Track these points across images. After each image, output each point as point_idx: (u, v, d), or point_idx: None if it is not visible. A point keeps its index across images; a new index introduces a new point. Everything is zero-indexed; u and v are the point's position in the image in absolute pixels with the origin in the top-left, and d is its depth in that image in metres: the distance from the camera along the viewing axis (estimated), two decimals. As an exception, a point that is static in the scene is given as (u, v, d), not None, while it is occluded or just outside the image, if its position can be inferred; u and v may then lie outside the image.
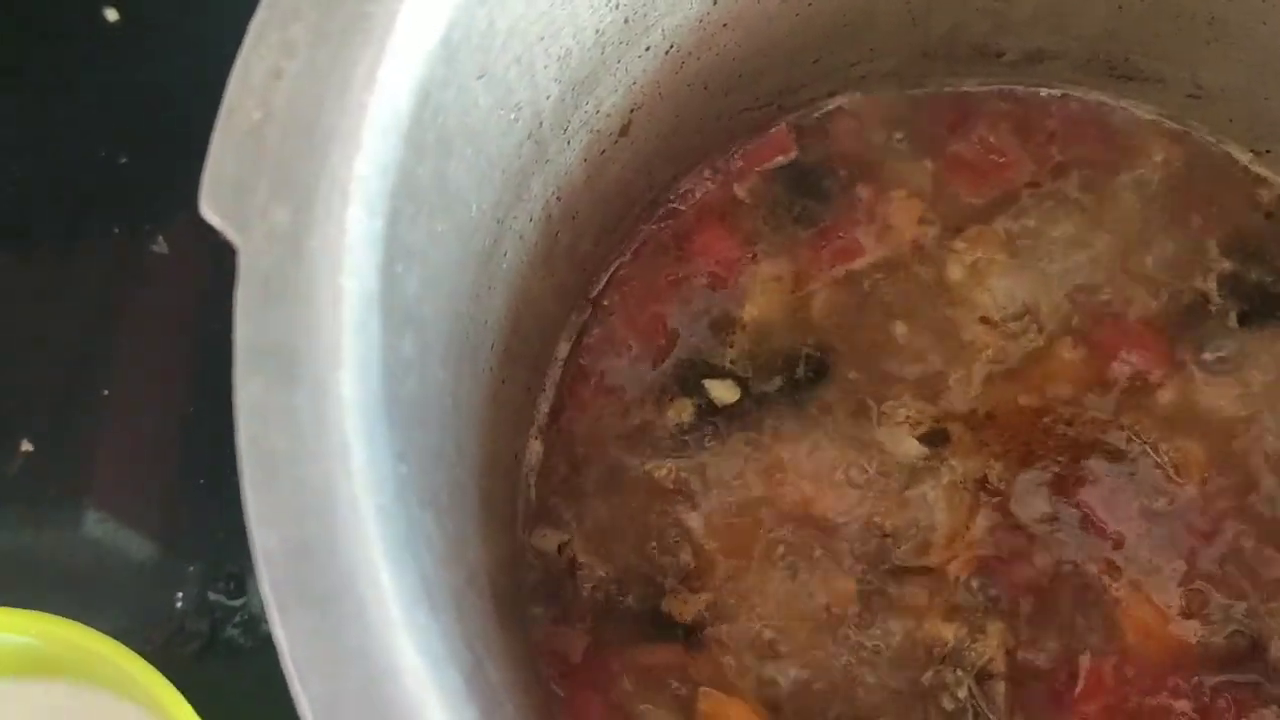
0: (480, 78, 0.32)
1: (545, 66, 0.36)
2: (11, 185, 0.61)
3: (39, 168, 0.62)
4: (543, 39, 0.35)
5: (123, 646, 0.47)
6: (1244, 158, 0.52)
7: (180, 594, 0.55)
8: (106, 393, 0.58)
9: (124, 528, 0.56)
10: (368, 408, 0.25)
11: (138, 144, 0.62)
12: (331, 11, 0.27)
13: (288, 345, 0.24)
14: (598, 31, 0.38)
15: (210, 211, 0.25)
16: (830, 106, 0.53)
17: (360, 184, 0.26)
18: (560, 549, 0.46)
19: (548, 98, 0.37)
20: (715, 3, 0.42)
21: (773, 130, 0.53)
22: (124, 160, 0.62)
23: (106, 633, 0.47)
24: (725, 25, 0.44)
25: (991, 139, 0.53)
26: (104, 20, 0.64)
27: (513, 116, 0.35)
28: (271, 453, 0.24)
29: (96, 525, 0.56)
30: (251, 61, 0.27)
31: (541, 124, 0.38)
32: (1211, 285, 0.50)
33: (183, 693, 0.46)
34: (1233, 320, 0.49)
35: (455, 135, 0.32)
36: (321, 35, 0.27)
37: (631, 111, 0.44)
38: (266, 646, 0.53)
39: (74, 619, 0.48)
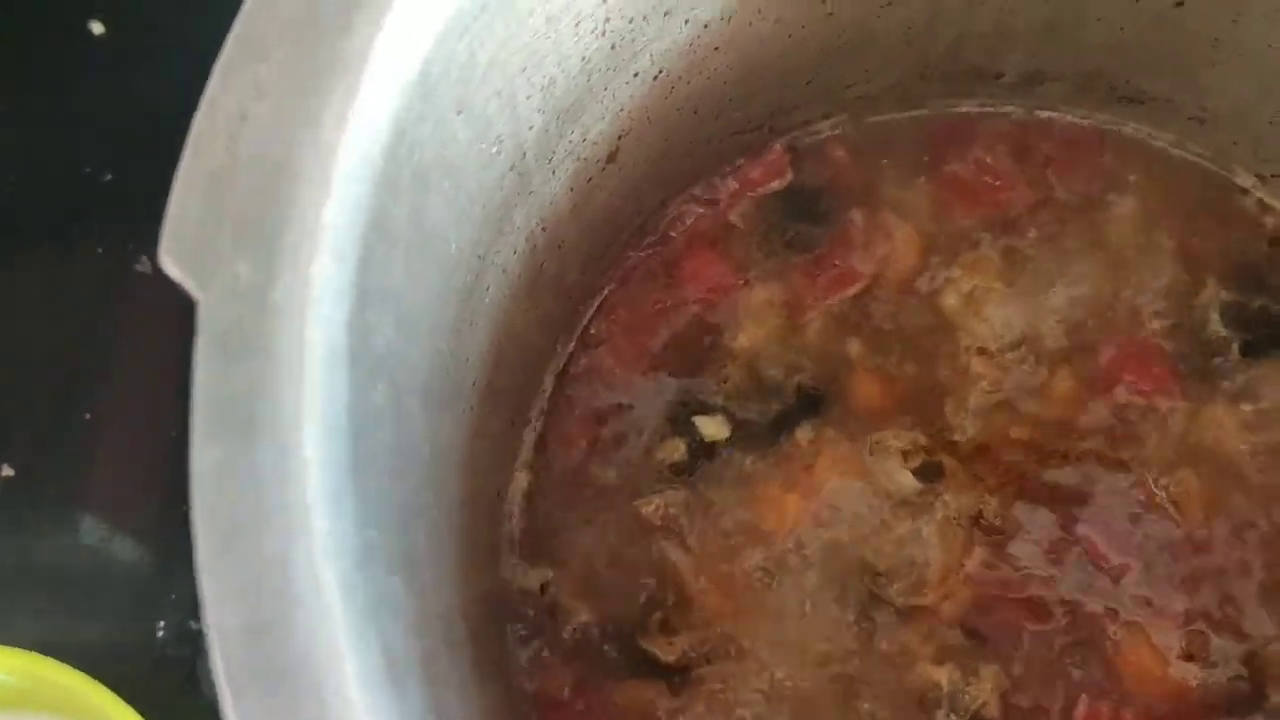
0: (459, 112, 0.31)
1: (528, 97, 0.35)
2: (-6, 200, 0.61)
3: (23, 184, 0.61)
4: (525, 69, 0.34)
5: (96, 682, 0.46)
6: (1248, 182, 0.51)
7: (162, 623, 0.54)
8: (88, 416, 0.57)
9: (106, 551, 0.56)
10: (333, 469, 0.24)
11: (123, 161, 0.61)
12: (301, 50, 0.26)
13: (247, 405, 0.23)
14: (584, 59, 0.37)
15: (170, 263, 0.24)
16: (825, 128, 0.52)
17: (328, 231, 0.25)
18: (543, 588, 0.45)
19: (531, 128, 0.36)
20: (706, 26, 0.41)
21: (768, 154, 0.52)
22: (109, 177, 0.61)
23: (87, 662, 0.47)
24: (716, 49, 0.43)
25: (989, 161, 0.52)
26: (90, 34, 0.63)
27: (494, 149, 0.34)
28: (228, 523, 0.22)
29: (79, 548, 0.56)
30: (217, 103, 0.25)
31: (524, 155, 0.36)
32: (1214, 314, 0.49)
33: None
34: (1235, 351, 0.48)
35: (432, 171, 0.31)
36: (290, 75, 0.26)
37: (619, 138, 0.43)
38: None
39: (54, 646, 0.47)
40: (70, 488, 0.56)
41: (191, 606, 0.54)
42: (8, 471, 0.56)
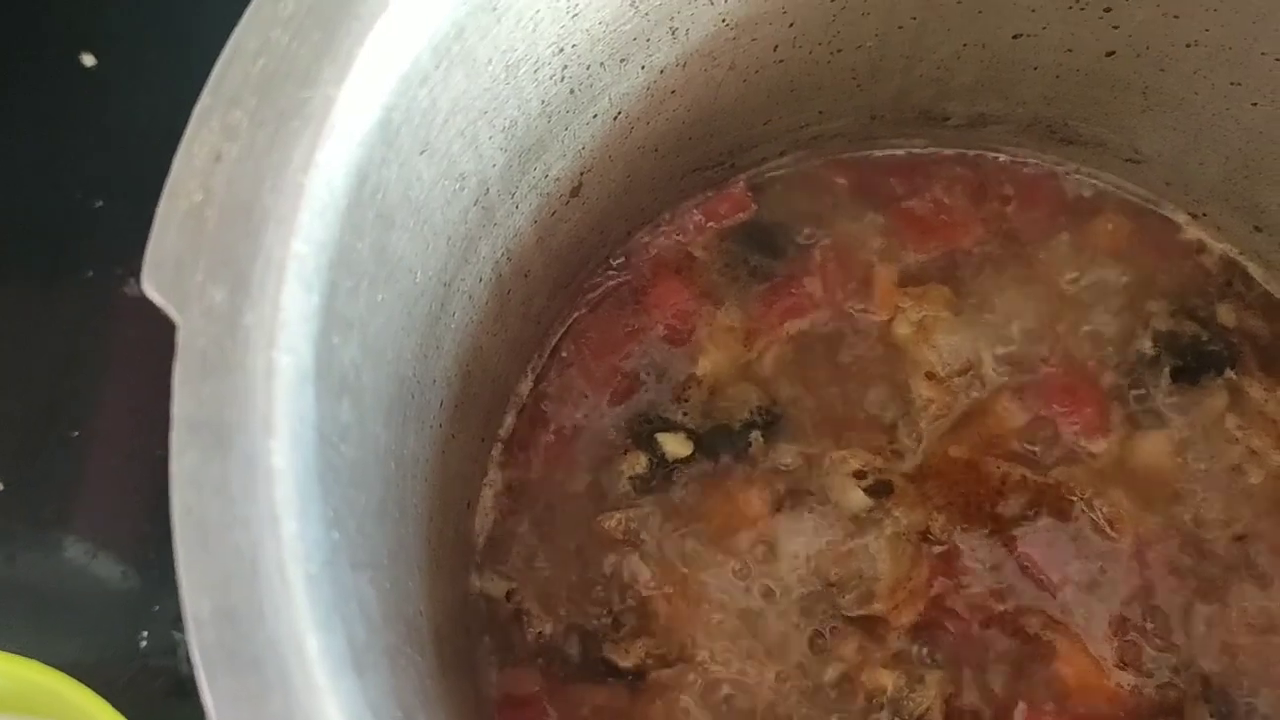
0: (423, 153, 0.33)
1: (490, 137, 0.37)
2: (-13, 226, 0.62)
3: (14, 209, 0.63)
4: (486, 113, 0.36)
5: (82, 686, 0.48)
6: (1181, 219, 0.53)
7: (145, 633, 0.56)
8: (76, 434, 0.59)
9: (91, 565, 0.57)
10: (299, 477, 0.26)
11: (112, 187, 0.63)
12: (271, 97, 0.28)
13: (221, 418, 0.26)
14: (543, 103, 0.39)
15: (151, 289, 0.27)
16: (784, 165, 0.55)
17: (296, 262, 0.27)
18: (508, 596, 0.47)
19: (494, 166, 0.39)
20: (662, 72, 0.44)
21: (731, 188, 0.54)
22: (99, 204, 0.63)
23: (69, 669, 0.48)
24: (673, 92, 0.46)
25: (946, 200, 0.55)
26: (81, 65, 0.65)
27: (457, 186, 0.37)
28: (204, 521, 0.25)
29: (65, 562, 0.57)
30: (194, 144, 0.28)
31: (488, 191, 0.39)
32: (1147, 343, 0.51)
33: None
34: (1166, 377, 0.50)
35: (397, 209, 0.33)
36: (260, 120, 0.28)
37: (581, 174, 0.45)
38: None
39: (37, 652, 0.48)
40: (58, 503, 0.58)
41: (174, 618, 0.56)
42: (-1, 486, 0.57)
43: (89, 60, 0.65)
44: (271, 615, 0.24)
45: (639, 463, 0.49)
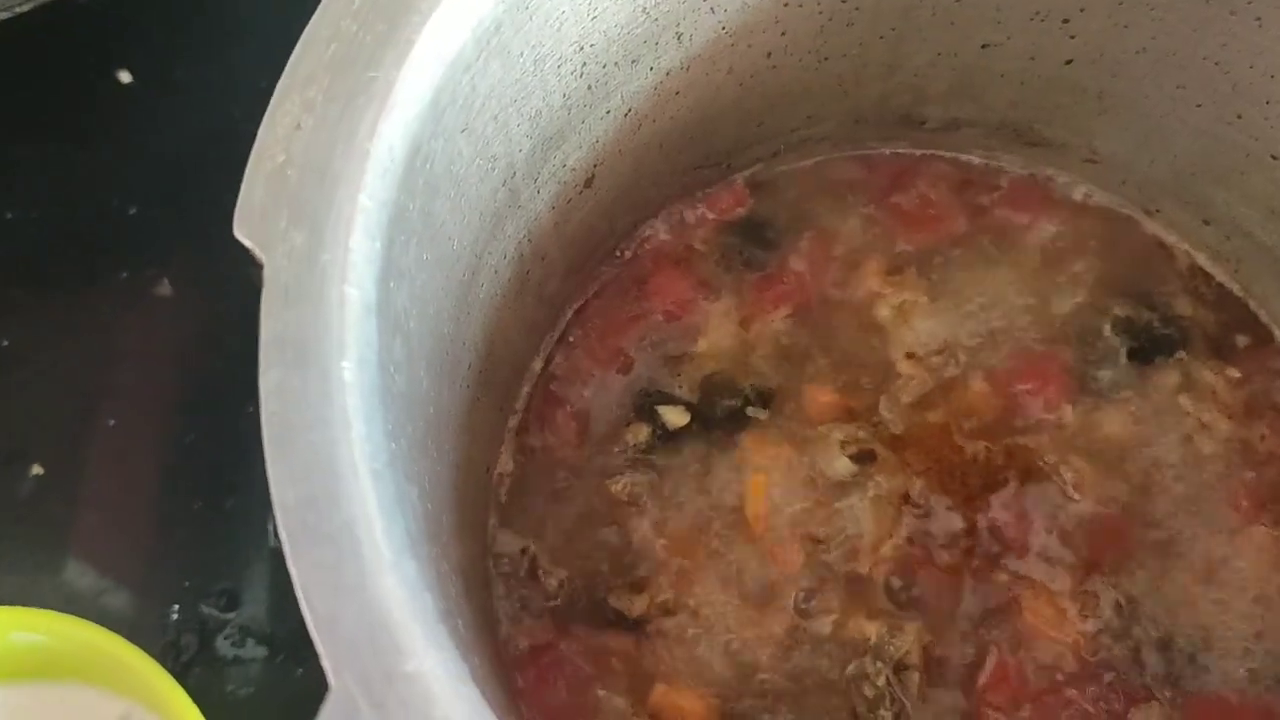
0: (463, 131, 0.38)
1: (519, 124, 0.42)
2: (32, 230, 0.66)
3: (54, 217, 0.67)
4: (516, 101, 0.41)
5: (129, 643, 0.50)
6: (1137, 215, 0.58)
7: (176, 606, 0.59)
8: (112, 422, 0.62)
9: (123, 546, 0.60)
10: (366, 392, 0.31)
11: (146, 196, 0.67)
12: (341, 78, 0.33)
13: (301, 339, 0.30)
14: (564, 96, 0.44)
15: (241, 234, 0.31)
16: (777, 164, 0.60)
17: (362, 214, 0.32)
18: (523, 551, 0.52)
19: (520, 151, 0.43)
20: (668, 74, 0.49)
21: (731, 185, 0.59)
22: (133, 211, 0.67)
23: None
24: (677, 93, 0.51)
25: (926, 196, 0.59)
26: (118, 81, 0.69)
27: (490, 166, 0.41)
28: (287, 423, 0.29)
29: (96, 543, 0.60)
30: (276, 116, 0.33)
31: (515, 173, 0.44)
32: (1106, 326, 0.56)
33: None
34: (1123, 356, 0.55)
35: (441, 179, 0.38)
36: (333, 96, 0.33)
37: (595, 166, 0.50)
38: (255, 659, 0.57)
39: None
40: (97, 480, 0.61)
41: (199, 595, 0.59)
42: (38, 470, 0.61)
43: (126, 77, 0.69)
44: (345, 500, 0.29)
45: (641, 432, 0.54)
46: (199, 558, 0.60)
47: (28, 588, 0.59)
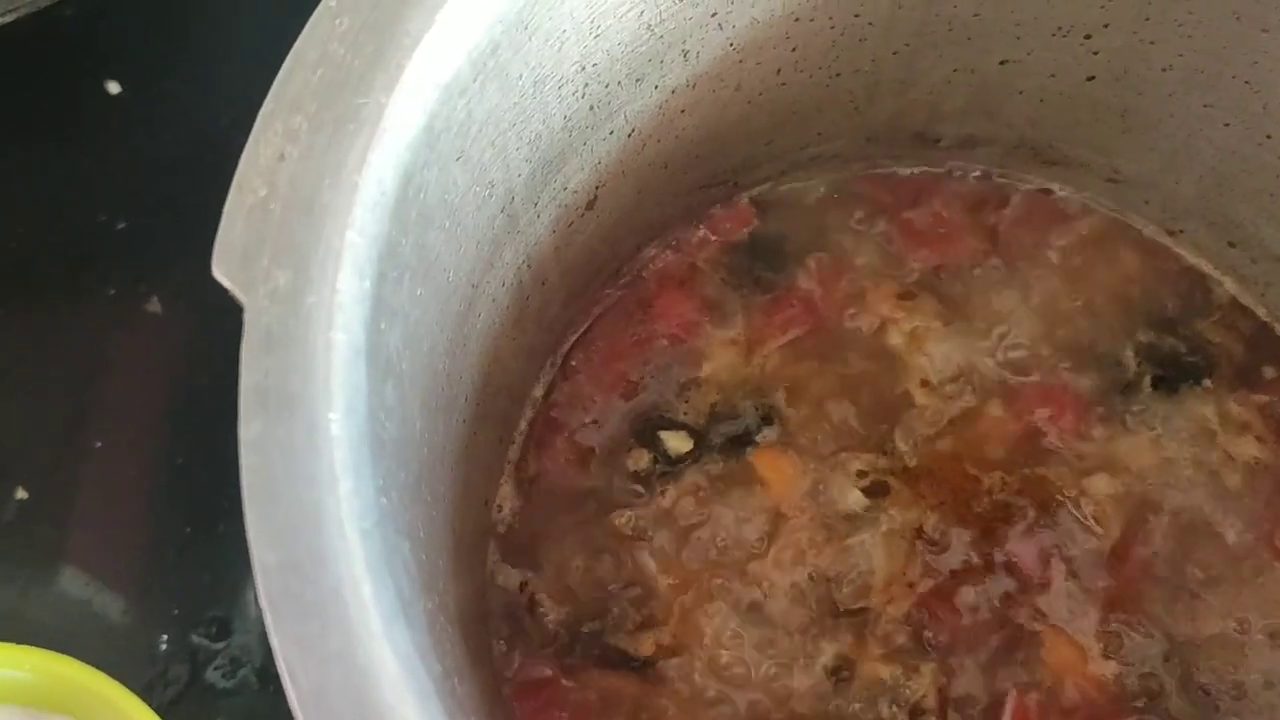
0: (458, 159, 0.36)
1: (517, 149, 0.40)
2: (16, 243, 0.65)
3: (41, 231, 0.65)
4: (515, 125, 0.39)
5: (114, 682, 0.49)
6: (1160, 237, 0.57)
7: (165, 636, 0.57)
8: (99, 444, 0.60)
9: (111, 572, 0.59)
10: (354, 444, 0.29)
11: (135, 209, 0.65)
12: (329, 104, 0.31)
13: (285, 388, 0.28)
14: (565, 118, 0.42)
15: (220, 274, 0.29)
16: (786, 184, 0.58)
17: (351, 251, 0.30)
18: (521, 587, 0.50)
19: (519, 176, 0.42)
20: (673, 92, 0.47)
21: (736, 205, 0.57)
22: (122, 225, 0.65)
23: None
24: (683, 111, 0.49)
25: (940, 216, 0.58)
26: (106, 93, 0.67)
27: (487, 193, 0.39)
28: (270, 480, 0.27)
29: (83, 569, 0.58)
30: (259, 145, 0.31)
31: (513, 199, 0.42)
32: (1129, 353, 0.54)
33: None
34: (1147, 385, 0.53)
35: (435, 210, 0.36)
36: (319, 124, 0.31)
37: (597, 188, 0.48)
38: (246, 690, 0.56)
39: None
40: (82, 505, 0.59)
41: (188, 625, 0.57)
42: (22, 494, 0.60)
43: (114, 88, 0.68)
44: (332, 564, 0.27)
45: (642, 459, 0.52)
46: (189, 584, 0.59)
47: (11, 618, 0.57)
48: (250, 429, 0.28)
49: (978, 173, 0.58)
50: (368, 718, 0.26)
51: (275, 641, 0.26)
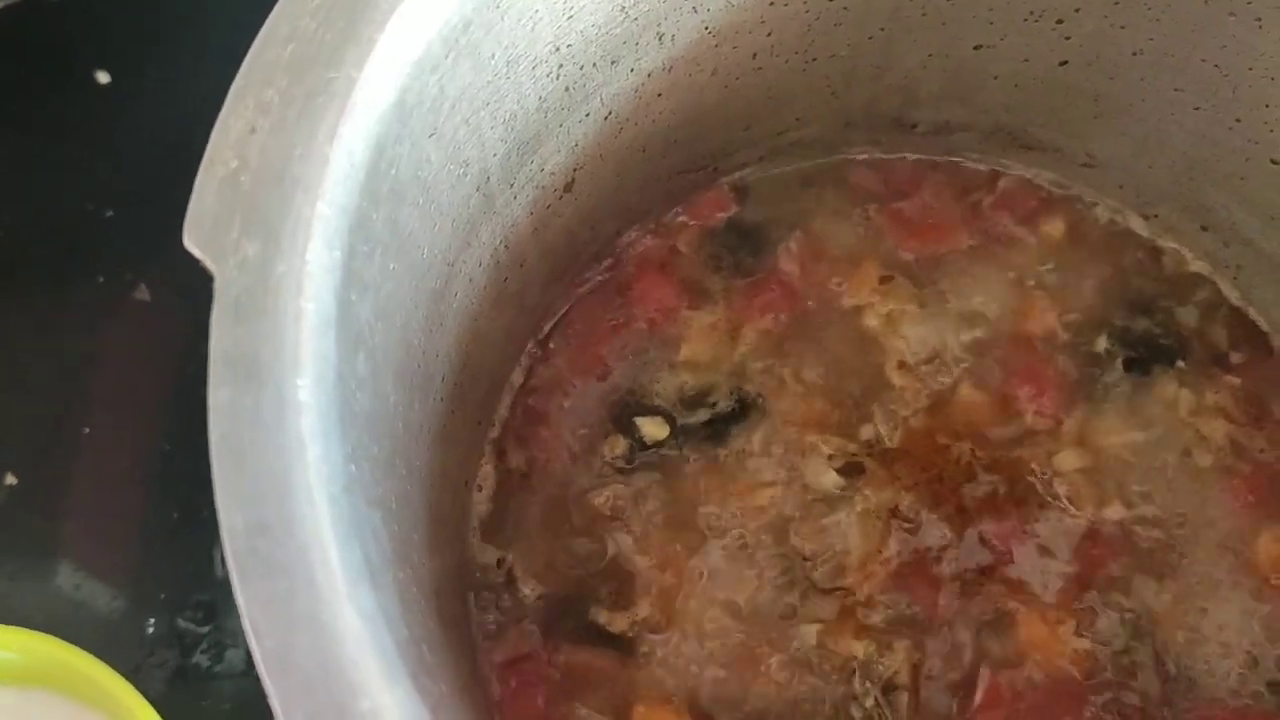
0: (431, 136, 0.37)
1: (492, 128, 0.41)
2: (4, 232, 0.65)
3: (30, 217, 0.66)
4: (489, 104, 0.40)
5: (100, 662, 0.49)
6: (1134, 221, 0.57)
7: (152, 620, 0.58)
8: (88, 430, 0.61)
9: (99, 558, 0.59)
10: (322, 412, 0.29)
11: (123, 198, 0.65)
12: (300, 78, 0.32)
13: (254, 356, 0.29)
14: (540, 99, 0.43)
15: (191, 244, 0.30)
16: (764, 169, 0.58)
17: (321, 222, 0.31)
18: (499, 564, 0.50)
19: (494, 156, 0.42)
20: (649, 75, 0.47)
21: (714, 189, 0.58)
22: (110, 213, 0.65)
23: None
24: (660, 95, 0.49)
25: (915, 201, 0.58)
26: (96, 82, 0.68)
27: (461, 171, 0.40)
28: (238, 446, 0.28)
29: (71, 554, 0.59)
30: (230, 119, 0.31)
31: (489, 179, 0.42)
32: (1103, 335, 0.55)
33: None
34: (1119, 367, 0.54)
35: (408, 185, 0.36)
36: (290, 98, 0.31)
37: (574, 170, 0.49)
38: (232, 673, 0.56)
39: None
40: (71, 491, 0.60)
41: (175, 609, 0.58)
42: (11, 480, 0.60)
43: (104, 78, 0.68)
44: (300, 527, 0.27)
45: (619, 445, 0.52)
46: (176, 569, 0.59)
47: (0, 601, 0.58)
48: (219, 395, 0.28)
49: (955, 158, 0.58)
50: (331, 676, 0.26)
51: (241, 601, 0.27)
